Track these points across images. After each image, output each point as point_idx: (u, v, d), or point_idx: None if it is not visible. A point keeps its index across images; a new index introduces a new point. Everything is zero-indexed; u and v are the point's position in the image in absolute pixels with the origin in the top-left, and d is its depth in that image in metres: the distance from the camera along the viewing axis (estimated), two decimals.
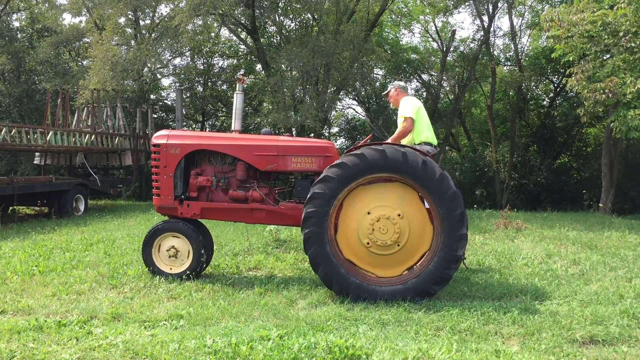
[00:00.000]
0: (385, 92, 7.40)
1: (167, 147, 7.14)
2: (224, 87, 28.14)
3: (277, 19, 22.74)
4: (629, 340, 4.88)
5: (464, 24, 58.15)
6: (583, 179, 26.03)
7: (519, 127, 27.43)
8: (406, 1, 27.67)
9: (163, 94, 28.72)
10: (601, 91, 10.62)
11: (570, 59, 11.91)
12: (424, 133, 6.86)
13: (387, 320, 5.32)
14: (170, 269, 7.01)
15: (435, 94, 27.05)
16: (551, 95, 28.11)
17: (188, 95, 26.03)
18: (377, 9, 23.23)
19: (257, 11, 20.87)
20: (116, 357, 4.34)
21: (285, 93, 19.65)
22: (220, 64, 28.45)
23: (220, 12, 19.07)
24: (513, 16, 26.34)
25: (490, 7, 25.13)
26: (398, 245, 6.11)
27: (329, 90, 20.98)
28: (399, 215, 6.09)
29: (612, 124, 11.97)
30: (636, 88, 9.65)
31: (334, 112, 29.20)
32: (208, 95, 26.61)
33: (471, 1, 24.78)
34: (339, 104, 27.99)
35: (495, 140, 25.80)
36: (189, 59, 26.47)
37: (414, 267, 6.23)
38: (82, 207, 15.75)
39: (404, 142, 6.72)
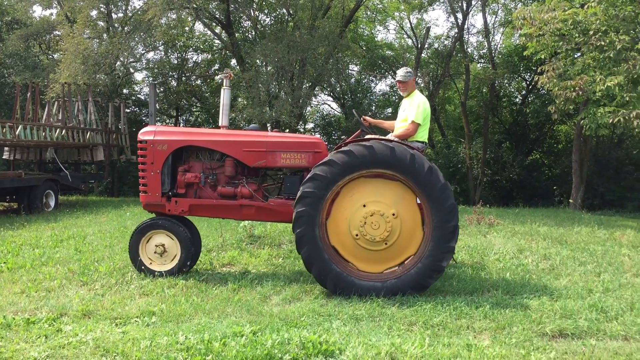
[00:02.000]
0: (405, 77, 6.87)
1: (154, 144, 7.02)
2: (198, 82, 27.91)
3: (252, 14, 22.62)
4: (597, 333, 4.98)
5: (439, 21, 58.69)
6: (554, 175, 26.45)
7: (492, 124, 27.74)
8: None
9: (136, 89, 28.38)
10: (571, 89, 10.79)
11: (542, 56, 12.07)
12: (420, 134, 6.86)
13: (360, 316, 5.34)
14: (153, 264, 6.93)
15: None
16: (523, 92, 28.48)
17: (161, 89, 25.72)
18: (352, 5, 23.25)
19: (232, 5, 20.72)
20: (86, 354, 4.27)
21: (260, 88, 19.56)
22: (194, 59, 28.22)
23: (195, 6, 18.91)
24: (486, 14, 26.59)
25: (464, 5, 25.35)
26: (386, 243, 6.15)
27: (304, 86, 20.96)
28: (393, 214, 6.11)
29: (582, 121, 12.18)
30: (605, 86, 9.81)
31: (309, 108, 29.18)
32: (182, 90, 26.32)
33: None
34: (314, 99, 27.99)
35: (469, 137, 26.05)
36: (163, 53, 26.17)
37: (397, 268, 6.26)
38: (52, 203, 15.47)
39: (390, 137, 6.73)
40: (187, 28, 25.50)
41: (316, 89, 24.83)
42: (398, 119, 7.10)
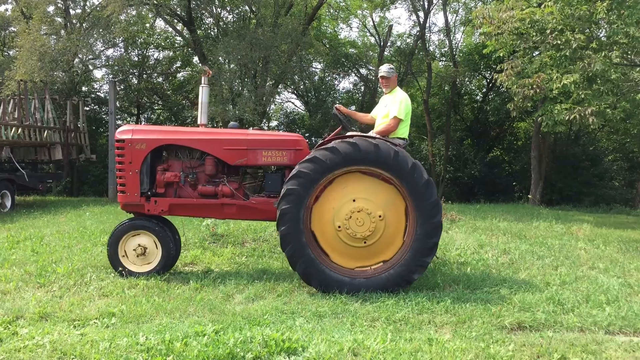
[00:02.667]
0: (388, 74, 6.94)
1: (132, 143, 6.87)
2: (160, 79, 27.52)
3: (214, 11, 22.42)
4: (554, 325, 5.10)
5: (401, 20, 59.11)
6: (514, 171, 27.00)
7: (453, 121, 28.14)
8: None
9: (95, 86, 27.80)
10: (529, 87, 11.02)
11: (501, 55, 12.29)
12: (401, 130, 6.90)
13: (323, 313, 5.35)
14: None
15: (373, 88, 27.37)
16: (484, 90, 28.97)
17: (122, 87, 25.28)
18: (315, 2, 23.27)
19: (194, 2, 20.50)
20: (43, 357, 4.17)
21: (223, 86, 19.41)
22: (155, 56, 27.82)
23: (155, 2, 18.62)
24: (448, 13, 26.96)
25: (426, 3, 25.63)
26: (365, 242, 6.20)
27: (267, 84, 20.88)
28: (379, 216, 6.16)
29: (539, 118, 12.44)
30: (562, 84, 10.04)
31: (272, 106, 29.08)
32: (143, 87, 25.91)
33: None
34: (277, 97, 27.92)
35: (431, 134, 26.36)
36: (123, 50, 25.70)
37: (369, 268, 6.30)
38: (8, 204, 15.05)
39: (372, 134, 6.76)
40: (147, 25, 25.11)
41: (279, 86, 24.77)
42: (379, 115, 7.12)
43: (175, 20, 22.60)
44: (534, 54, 12.30)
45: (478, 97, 29.24)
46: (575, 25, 10.33)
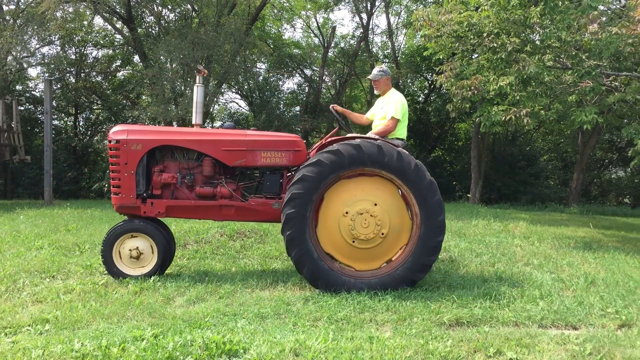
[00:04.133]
0: (374, 77, 7.13)
1: (128, 143, 6.70)
2: (99, 78, 26.76)
3: (156, 9, 22.02)
4: (490, 320, 5.24)
5: (345, 21, 59.43)
6: (455, 171, 27.64)
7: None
8: None
9: (30, 85, 26.75)
10: (467, 88, 11.30)
11: (441, 57, 12.53)
12: (400, 130, 6.97)
13: (266, 314, 5.32)
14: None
15: (317, 89, 27.47)
16: (426, 91, 29.52)
17: (58, 86, 24.45)
18: (259, 2, 23.18)
19: (134, 0, 20.05)
20: None
21: (164, 85, 19.08)
22: (94, 54, 27.04)
23: None
24: (390, 15, 27.36)
25: (369, 6, 25.92)
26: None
27: (210, 84, 20.65)
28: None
29: (477, 119, 12.78)
30: (498, 86, 10.34)
31: (216, 106, 28.79)
32: (81, 86, 25.12)
33: None
34: (221, 97, 27.65)
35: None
36: (59, 47, 24.85)
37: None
38: None
39: (370, 135, 6.82)
40: (85, 22, 24.37)
41: (223, 86, 24.54)
42: (376, 116, 7.20)
43: (115, 18, 22.06)
44: (472, 57, 12.62)
45: (420, 98, 29.78)
46: (511, 29, 10.66)
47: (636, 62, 11.45)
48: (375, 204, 6.25)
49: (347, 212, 6.24)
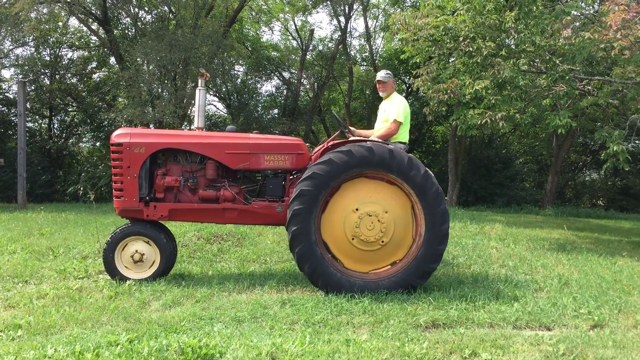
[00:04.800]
0: (384, 78, 7.17)
1: (131, 146, 6.67)
2: (74, 80, 26.41)
3: (132, 11, 21.81)
4: (466, 322, 5.29)
5: (323, 24, 59.66)
6: (432, 173, 27.80)
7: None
8: None
9: (4, 87, 26.26)
10: (444, 92, 11.42)
11: (418, 60, 12.63)
12: (402, 134, 7.00)
13: (242, 317, 5.30)
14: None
15: (295, 92, 27.48)
16: (404, 94, 29.65)
17: (32, 88, 24.07)
18: (236, 4, 23.11)
19: (109, 1, 19.88)
20: None
21: (141, 87, 18.91)
22: (69, 56, 26.66)
23: (68, 0, 17.90)
24: (368, 18, 27.50)
25: (347, 9, 26.01)
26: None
27: (187, 86, 20.52)
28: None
29: (454, 122, 12.91)
30: (474, 89, 10.46)
31: (193, 108, 28.56)
32: (55, 88, 24.76)
33: (328, 2, 25.47)
34: None
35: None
36: (33, 49, 24.46)
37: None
38: None
39: (373, 138, 6.82)
40: (60, 23, 24.03)
41: None
42: (378, 120, 7.25)
43: (90, 20, 21.81)
44: (448, 60, 12.74)
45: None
46: (486, 33, 10.79)
47: (608, 66, 11.65)
48: (386, 212, 6.30)
49: (357, 209, 6.27)
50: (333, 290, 6.14)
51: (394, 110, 6.92)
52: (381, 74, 7.22)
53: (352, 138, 6.88)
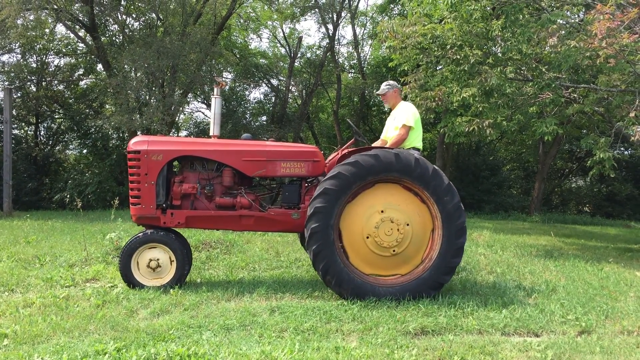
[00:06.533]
0: (382, 91, 7.34)
1: (148, 154, 6.69)
2: (61, 87, 26.24)
3: (120, 18, 21.75)
4: (455, 329, 5.31)
5: (311, 32, 59.86)
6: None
7: (363, 132, 28.73)
8: (254, 6, 27.84)
9: None
10: (432, 99, 11.50)
11: (405, 68, 12.70)
12: (416, 140, 7.02)
13: (231, 325, 5.28)
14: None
15: (284, 99, 27.50)
16: None
17: (19, 95, 23.88)
18: (225, 12, 23.13)
19: (97, 8, 19.80)
20: None
21: (129, 94, 18.84)
22: (56, 63, 26.49)
23: (55, 7, 17.81)
24: (356, 26, 27.62)
25: (335, 16, 26.12)
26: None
27: (175, 93, 20.49)
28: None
29: (442, 129, 12.98)
30: (461, 97, 10.54)
31: (182, 115, 28.54)
32: (42, 95, 24.59)
33: (316, 9, 25.57)
34: (187, 106, 27.43)
35: (342, 145, 26.73)
36: (20, 56, 24.30)
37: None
38: None
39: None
40: (47, 30, 23.91)
41: (189, 95, 24.37)
42: (389, 128, 7.29)
43: (78, 26, 21.71)
44: (436, 68, 12.83)
45: (386, 109, 30.01)
46: (473, 41, 10.88)
47: (594, 74, 11.79)
48: (408, 224, 6.34)
49: (383, 211, 6.31)
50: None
51: (402, 116, 7.00)
52: (381, 87, 7.40)
53: (364, 147, 6.90)
